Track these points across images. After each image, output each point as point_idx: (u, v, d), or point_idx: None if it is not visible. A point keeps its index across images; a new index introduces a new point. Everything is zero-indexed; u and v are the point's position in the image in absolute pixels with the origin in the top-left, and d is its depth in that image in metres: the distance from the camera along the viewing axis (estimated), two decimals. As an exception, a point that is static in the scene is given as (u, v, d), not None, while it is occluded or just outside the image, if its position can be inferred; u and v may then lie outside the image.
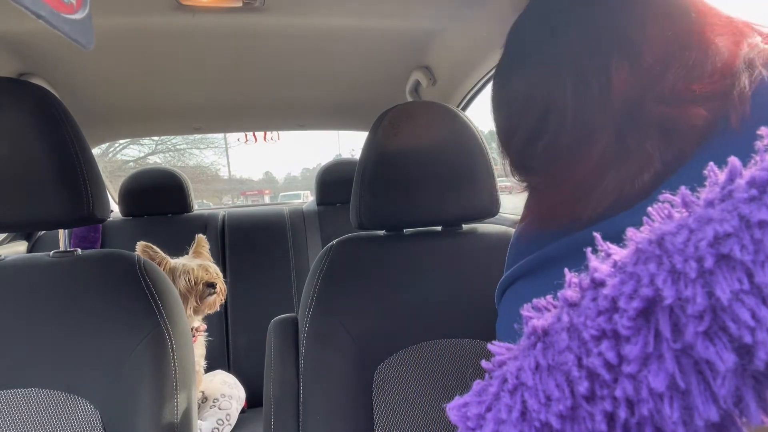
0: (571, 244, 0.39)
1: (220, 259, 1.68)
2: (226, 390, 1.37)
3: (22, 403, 0.64)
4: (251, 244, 1.73)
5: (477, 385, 0.25)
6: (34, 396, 0.64)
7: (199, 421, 1.27)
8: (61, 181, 0.66)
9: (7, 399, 0.63)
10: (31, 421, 0.63)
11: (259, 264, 1.69)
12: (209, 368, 1.51)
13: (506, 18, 1.08)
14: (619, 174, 0.36)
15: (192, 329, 1.25)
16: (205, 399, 1.34)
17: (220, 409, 1.31)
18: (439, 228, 0.87)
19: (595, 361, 0.20)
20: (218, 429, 1.28)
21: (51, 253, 0.74)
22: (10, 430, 0.62)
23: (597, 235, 0.24)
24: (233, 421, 1.32)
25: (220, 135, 11.48)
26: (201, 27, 1.12)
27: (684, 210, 0.21)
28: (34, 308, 0.67)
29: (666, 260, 0.20)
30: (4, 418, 0.63)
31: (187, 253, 1.40)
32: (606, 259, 0.23)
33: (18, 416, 0.63)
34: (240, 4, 1.01)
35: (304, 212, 1.86)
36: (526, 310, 0.25)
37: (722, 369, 0.18)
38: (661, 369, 0.19)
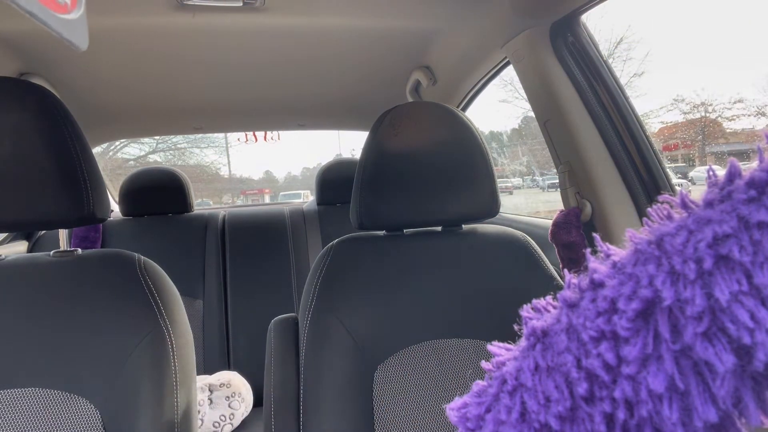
0: None
1: (221, 259, 1.68)
2: (244, 391, 1.36)
3: (22, 403, 0.64)
4: (251, 244, 1.73)
5: (476, 385, 0.25)
6: (33, 395, 0.64)
7: (206, 407, 1.27)
8: (61, 180, 0.66)
9: (6, 399, 0.63)
10: (30, 420, 0.63)
11: (260, 264, 1.69)
12: (209, 368, 1.51)
13: (506, 18, 1.08)
14: None
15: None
16: (228, 386, 1.33)
17: (230, 406, 1.31)
18: (439, 228, 0.87)
19: (594, 362, 0.20)
20: (219, 424, 1.27)
21: (51, 252, 0.74)
22: (9, 430, 0.62)
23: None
24: (236, 423, 1.32)
25: (221, 134, 11.46)
26: (201, 27, 1.12)
27: (683, 211, 0.21)
28: (34, 308, 0.67)
29: (665, 261, 0.19)
30: (3, 418, 0.63)
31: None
32: (605, 260, 0.23)
33: (18, 416, 0.63)
34: (240, 4, 1.01)
35: (304, 212, 1.86)
36: (525, 311, 0.25)
37: (721, 370, 0.18)
38: (660, 370, 0.18)
